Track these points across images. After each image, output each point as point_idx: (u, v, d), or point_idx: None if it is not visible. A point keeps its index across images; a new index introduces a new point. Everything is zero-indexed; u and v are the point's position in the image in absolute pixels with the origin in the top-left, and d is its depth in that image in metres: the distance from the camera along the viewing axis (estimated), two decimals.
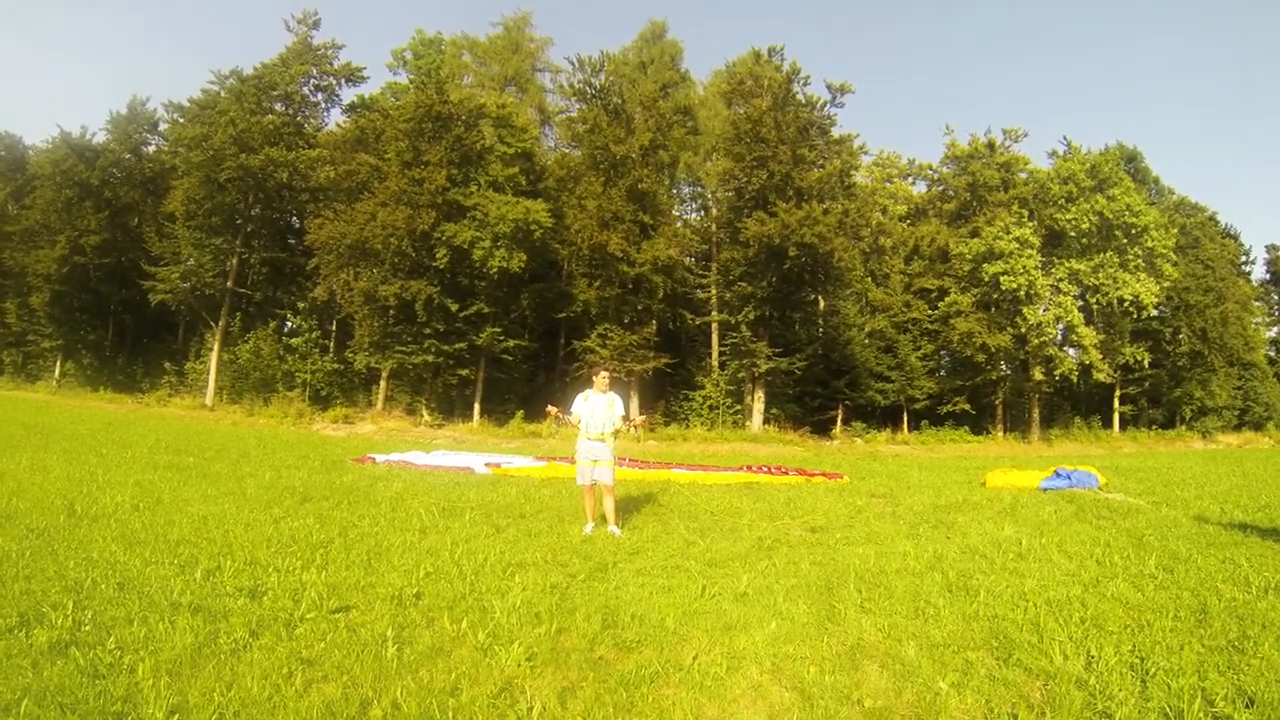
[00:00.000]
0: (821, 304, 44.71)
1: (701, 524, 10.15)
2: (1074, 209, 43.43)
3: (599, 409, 9.65)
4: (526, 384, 42.11)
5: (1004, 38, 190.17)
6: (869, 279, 49.35)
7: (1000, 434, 45.62)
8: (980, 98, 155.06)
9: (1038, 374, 43.44)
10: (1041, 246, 43.21)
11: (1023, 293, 41.38)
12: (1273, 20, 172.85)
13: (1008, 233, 41.95)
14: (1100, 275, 43.11)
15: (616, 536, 9.00)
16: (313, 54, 44.28)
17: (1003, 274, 41.25)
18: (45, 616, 5.09)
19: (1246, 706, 4.31)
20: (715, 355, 43.53)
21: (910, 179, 58.60)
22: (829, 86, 39.21)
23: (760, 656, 4.98)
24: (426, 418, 36.00)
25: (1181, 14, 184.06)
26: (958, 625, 5.70)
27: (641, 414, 20.43)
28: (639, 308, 38.40)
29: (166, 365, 44.41)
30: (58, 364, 48.41)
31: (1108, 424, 49.66)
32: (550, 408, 10.23)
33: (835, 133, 40.70)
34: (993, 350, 42.35)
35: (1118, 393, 49.89)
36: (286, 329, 45.59)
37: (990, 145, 50.91)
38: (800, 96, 39.60)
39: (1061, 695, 4.40)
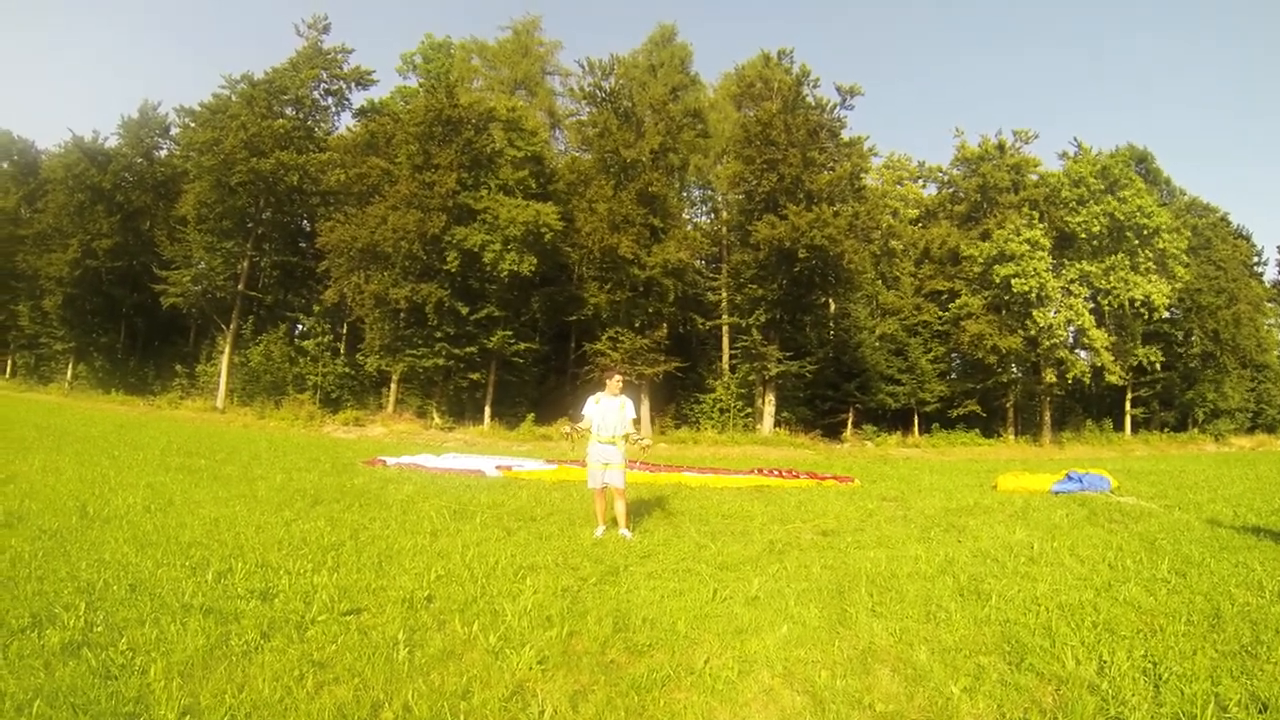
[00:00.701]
0: (832, 307, 44.68)
1: (712, 527, 10.13)
2: (1085, 211, 43.30)
3: (610, 412, 9.63)
4: (537, 387, 42.16)
5: (1015, 39, 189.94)
6: (879, 282, 49.26)
7: (1011, 437, 45.52)
8: (991, 99, 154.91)
9: (1049, 376, 43.35)
10: (1052, 249, 43.10)
11: (1034, 295, 41.30)
12: None
13: (1018, 235, 41.87)
14: (1111, 277, 43.00)
15: (628, 540, 8.98)
16: (323, 58, 44.53)
17: (1014, 276, 41.15)
18: (58, 617, 5.10)
19: (1260, 712, 4.28)
20: (726, 358, 43.48)
21: (920, 181, 58.53)
22: (838, 89, 39.35)
23: (771, 660, 4.96)
24: (437, 420, 36.10)
25: (1192, 14, 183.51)
26: (969, 629, 5.68)
27: (648, 440, 20.10)
28: (649, 311, 38.36)
29: (178, 368, 44.67)
30: (70, 366, 48.74)
31: (1119, 427, 49.49)
32: (565, 429, 10.18)
33: (845, 135, 40.78)
34: (1004, 352, 42.28)
35: (1129, 395, 49.73)
36: (297, 332, 45.75)
37: (1000, 147, 50.77)
38: (810, 99, 39.65)
39: (1074, 700, 4.38)
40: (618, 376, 9.94)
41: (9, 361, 54.81)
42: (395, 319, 36.42)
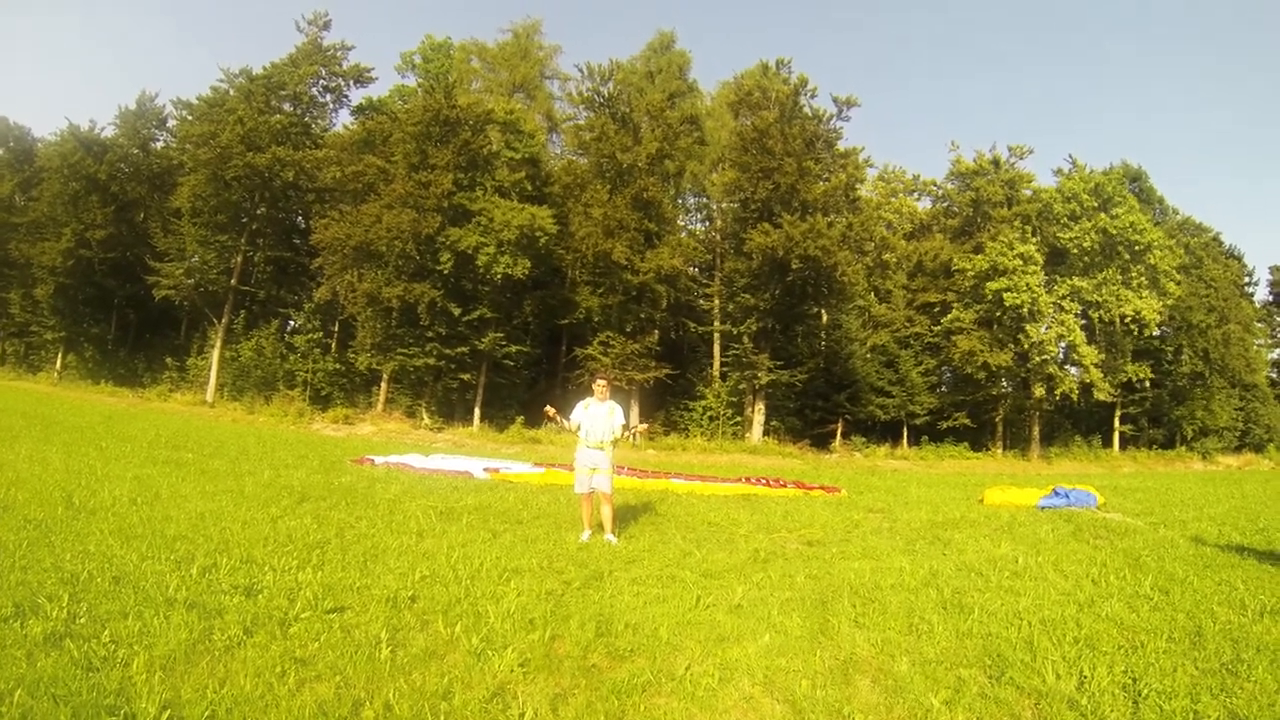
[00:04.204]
0: (824, 318, 44.71)
1: (698, 534, 10.15)
2: (1077, 227, 43.51)
3: (599, 418, 9.65)
4: (527, 390, 42.08)
5: (1013, 54, 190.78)
6: (872, 294, 49.39)
7: (1000, 451, 45.60)
8: (987, 114, 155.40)
9: (1038, 392, 43.43)
10: (1044, 264, 43.27)
11: (1025, 310, 41.42)
12: None
13: (1011, 249, 42.01)
14: (1103, 292, 43.16)
15: (613, 545, 9.00)
16: (322, 55, 44.39)
17: (1005, 290, 41.28)
18: (40, 608, 5.10)
19: None
20: (717, 366, 43.51)
21: (915, 194, 58.69)
22: (835, 100, 39.47)
23: (753, 668, 4.98)
24: (426, 420, 36.02)
25: (1190, 34, 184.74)
26: (951, 642, 5.70)
27: (644, 421, 20.40)
28: (641, 316, 38.37)
29: (168, 361, 44.44)
30: (60, 356, 48.48)
31: (1108, 443, 49.62)
32: (548, 408, 10.18)
33: (841, 146, 40.85)
34: (994, 368, 42.36)
35: (1118, 412, 49.88)
36: (289, 328, 45.64)
37: (995, 162, 50.99)
38: (807, 109, 39.78)
39: (1053, 715, 4.41)
40: (603, 381, 9.96)
41: None
42: (387, 318, 36.27)
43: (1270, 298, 64.62)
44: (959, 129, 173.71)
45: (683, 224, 49.13)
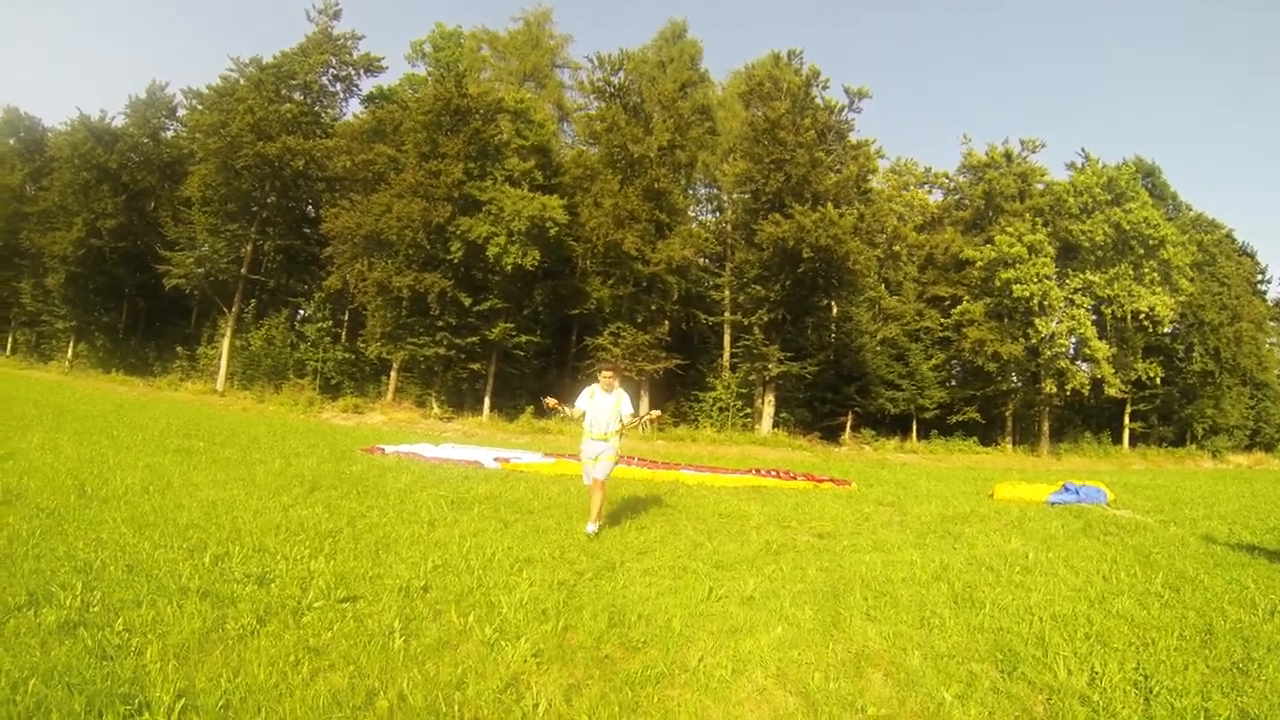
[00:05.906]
0: (834, 310, 44.62)
1: (709, 526, 10.13)
2: (1089, 221, 43.28)
3: (604, 409, 9.48)
4: (538, 380, 42.10)
5: (1027, 48, 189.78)
6: (883, 286, 49.23)
7: (1009, 446, 45.52)
8: (999, 107, 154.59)
9: (1049, 387, 43.32)
10: (1056, 259, 43.08)
11: (1035, 302, 41.26)
12: None
13: (1020, 240, 41.83)
14: (1115, 287, 42.95)
15: (591, 534, 8.85)
16: (332, 44, 44.44)
17: (1015, 280, 41.12)
18: (54, 596, 5.12)
19: None
20: (727, 357, 43.45)
21: (927, 187, 58.41)
22: (847, 91, 39.40)
23: (765, 660, 4.98)
24: (436, 410, 36.11)
25: (1204, 30, 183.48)
26: (963, 636, 5.69)
27: (655, 409, 20.49)
28: (652, 307, 38.41)
29: (179, 350, 44.70)
30: (70, 345, 48.77)
31: (1118, 440, 49.48)
32: (548, 399, 10.10)
33: (852, 137, 40.71)
34: (1004, 359, 42.23)
35: (1129, 409, 49.67)
36: (299, 317, 45.74)
37: (1008, 155, 50.69)
38: (819, 100, 39.65)
39: (1065, 710, 4.40)
40: (609, 373, 9.71)
41: (10, 338, 54.83)
42: (397, 307, 36.32)
43: None
44: (970, 124, 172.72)
45: (693, 214, 49.03)
